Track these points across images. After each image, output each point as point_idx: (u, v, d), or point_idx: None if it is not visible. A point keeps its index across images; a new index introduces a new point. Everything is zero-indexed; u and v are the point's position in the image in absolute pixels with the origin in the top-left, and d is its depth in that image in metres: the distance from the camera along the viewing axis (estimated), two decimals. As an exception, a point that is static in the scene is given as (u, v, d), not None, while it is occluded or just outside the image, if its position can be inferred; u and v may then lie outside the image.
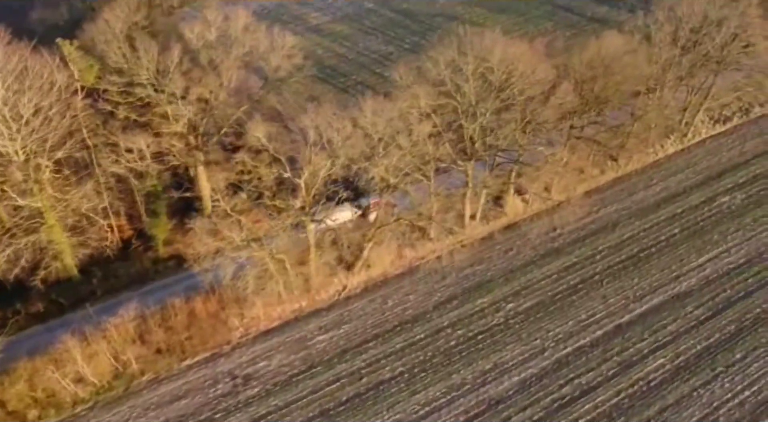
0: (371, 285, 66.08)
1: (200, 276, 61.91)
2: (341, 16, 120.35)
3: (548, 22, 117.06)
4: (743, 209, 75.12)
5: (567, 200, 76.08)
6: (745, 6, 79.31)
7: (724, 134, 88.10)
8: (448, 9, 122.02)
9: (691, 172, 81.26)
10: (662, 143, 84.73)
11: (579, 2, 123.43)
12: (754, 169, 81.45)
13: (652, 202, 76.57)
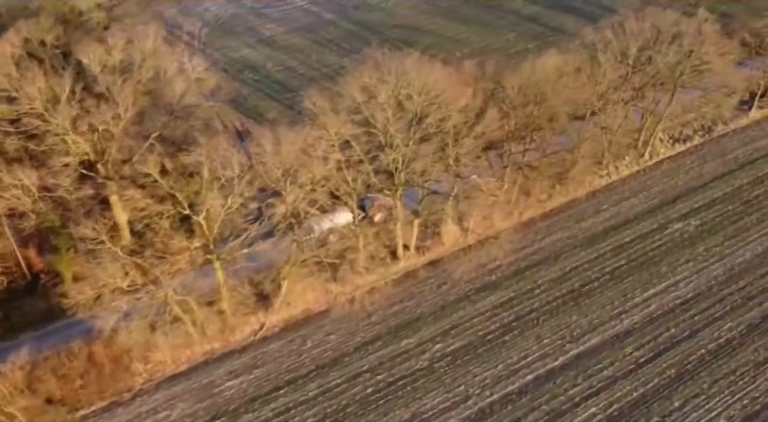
0: (291, 324, 62.01)
1: (104, 318, 57.87)
2: (297, 28, 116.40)
3: (511, 33, 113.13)
4: (696, 237, 71.03)
5: (510, 228, 72.19)
6: (701, 21, 75.50)
7: (683, 154, 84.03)
8: (408, 20, 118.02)
9: (645, 196, 77.18)
10: (617, 165, 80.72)
11: (545, 12, 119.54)
12: (712, 193, 77.36)
13: (600, 229, 72.50)
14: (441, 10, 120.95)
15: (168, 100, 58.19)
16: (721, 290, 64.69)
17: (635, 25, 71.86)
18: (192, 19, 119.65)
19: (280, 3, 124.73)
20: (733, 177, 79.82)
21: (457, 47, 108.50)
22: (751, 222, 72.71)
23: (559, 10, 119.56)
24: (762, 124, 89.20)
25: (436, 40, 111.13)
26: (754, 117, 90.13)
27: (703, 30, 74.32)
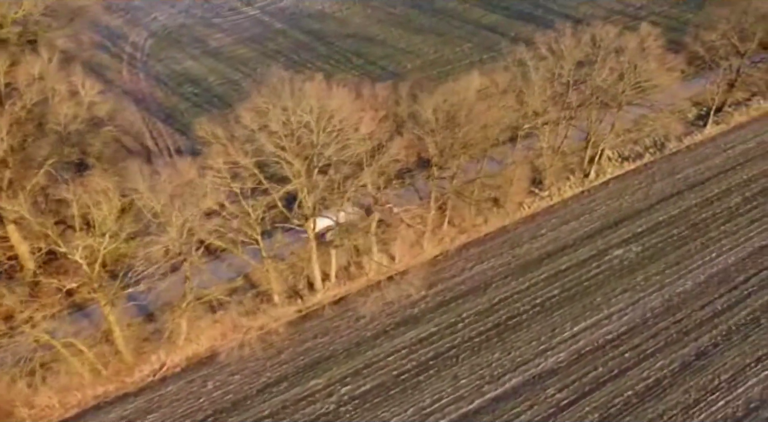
0: (194, 363, 58.29)
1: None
2: (246, 38, 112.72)
3: (467, 44, 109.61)
4: (637, 265, 67.37)
5: (441, 255, 68.64)
6: (643, 36, 71.95)
7: (632, 173, 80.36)
8: (362, 29, 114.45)
9: (586, 219, 73.53)
10: (560, 186, 77.10)
11: (505, 21, 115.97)
12: (657, 215, 73.71)
13: (535, 256, 68.84)
14: (397, 20, 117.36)
15: (55, 126, 54.40)
16: (656, 323, 61.04)
17: (571, 41, 68.24)
18: (139, 29, 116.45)
19: (230, 12, 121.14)
20: (681, 198, 76.20)
21: (408, 59, 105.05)
22: (695, 248, 69.11)
23: (520, 19, 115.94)
24: (717, 140, 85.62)
25: (388, 50, 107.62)
26: (709, 133, 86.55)
27: (645, 45, 70.86)
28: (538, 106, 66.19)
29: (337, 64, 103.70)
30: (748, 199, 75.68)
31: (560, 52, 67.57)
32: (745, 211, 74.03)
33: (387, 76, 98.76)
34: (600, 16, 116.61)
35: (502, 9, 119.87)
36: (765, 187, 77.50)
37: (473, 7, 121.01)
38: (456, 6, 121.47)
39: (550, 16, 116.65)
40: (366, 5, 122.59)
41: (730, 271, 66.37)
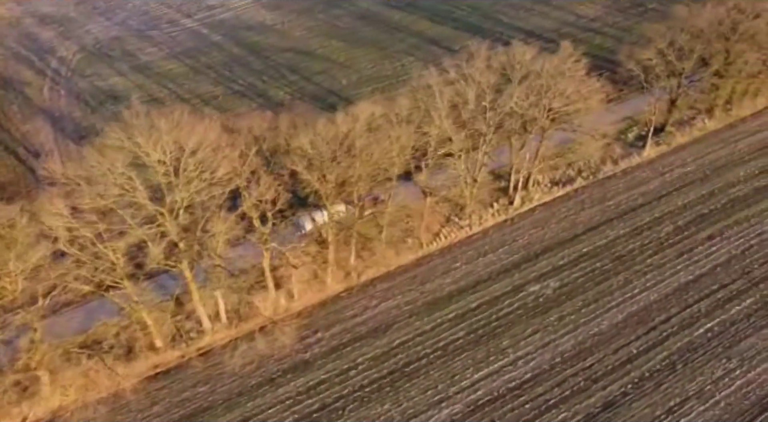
0: (59, 417, 54.13)
1: None
2: (180, 52, 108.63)
3: (409, 57, 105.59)
4: (552, 302, 63.26)
5: (345, 291, 64.58)
6: (563, 58, 67.93)
7: (562, 199, 76.28)
8: (302, 42, 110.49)
9: (506, 251, 69.47)
10: (482, 214, 73.04)
11: (450, 33, 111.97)
12: (582, 246, 69.63)
13: (446, 292, 64.71)
14: (340, 32, 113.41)
15: None
16: (564, 370, 56.87)
17: (480, 64, 64.12)
18: (69, 42, 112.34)
19: (168, 25, 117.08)
20: (609, 227, 72.11)
21: (345, 73, 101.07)
22: (617, 284, 64.99)
23: (467, 31, 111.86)
24: (656, 163, 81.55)
25: (326, 65, 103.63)
26: (648, 155, 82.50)
27: (565, 68, 66.86)
28: (442, 133, 61.99)
29: (269, 80, 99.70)
30: (679, 229, 71.64)
31: (470, 77, 63.40)
32: (675, 241, 69.99)
33: (322, 93, 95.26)
34: (551, 29, 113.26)
35: (451, 21, 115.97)
36: (699, 214, 73.54)
37: (421, 19, 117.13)
38: (403, 18, 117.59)
39: (499, 28, 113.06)
40: (310, 17, 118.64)
41: (650, 310, 62.26)
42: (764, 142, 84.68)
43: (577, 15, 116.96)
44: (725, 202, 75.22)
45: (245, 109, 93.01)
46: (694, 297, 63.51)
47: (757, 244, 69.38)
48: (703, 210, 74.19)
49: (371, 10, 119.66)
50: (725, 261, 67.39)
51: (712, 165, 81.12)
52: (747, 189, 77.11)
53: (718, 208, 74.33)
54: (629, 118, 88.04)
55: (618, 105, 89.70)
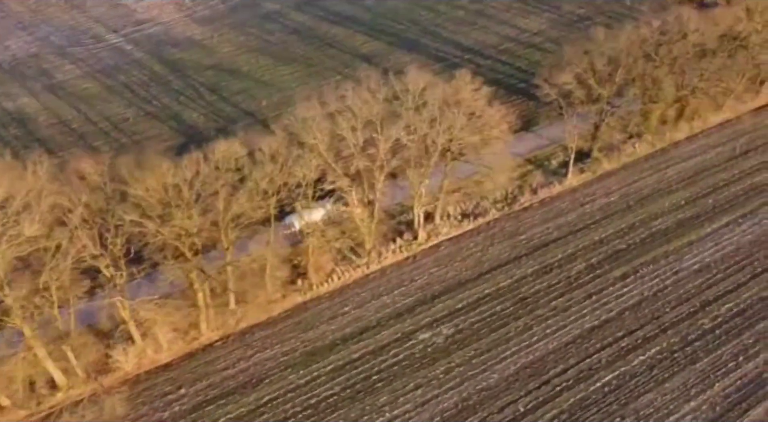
0: None
1: None
2: (98, 70, 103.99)
3: (337, 76, 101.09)
4: (442, 352, 58.77)
5: (221, 340, 60.07)
6: (462, 84, 63.58)
7: (472, 233, 71.77)
8: (228, 59, 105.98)
9: (402, 292, 64.96)
10: (383, 250, 68.55)
11: (386, 50, 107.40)
12: (484, 287, 65.18)
13: (328, 341, 60.19)
14: (270, 48, 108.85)
15: None
16: (441, 432, 52.62)
17: (358, 99, 59.56)
18: None
19: (92, 40, 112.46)
20: (517, 265, 67.68)
21: (267, 93, 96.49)
22: (515, 331, 60.54)
23: (403, 47, 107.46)
24: (577, 192, 77.08)
25: (248, 84, 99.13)
26: (570, 183, 78.06)
27: (460, 98, 62.49)
28: (324, 168, 57.57)
29: (186, 101, 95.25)
30: (592, 267, 67.22)
31: (350, 108, 58.99)
32: (586, 281, 65.55)
33: (237, 115, 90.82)
34: (491, 44, 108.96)
35: (388, 36, 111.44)
36: (615, 250, 69.16)
37: (357, 34, 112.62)
38: (339, 32, 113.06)
39: (436, 44, 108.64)
40: (242, 31, 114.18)
41: (546, 361, 57.81)
42: (695, 169, 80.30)
43: (520, 29, 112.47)
44: (645, 237, 70.82)
45: (155, 132, 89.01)
46: (595, 345, 59.10)
47: (672, 285, 65.02)
48: (621, 245, 69.77)
49: (306, 25, 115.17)
50: (635, 304, 63.00)
51: (637, 194, 76.71)
52: (670, 221, 72.71)
53: (636, 243, 69.94)
54: (555, 142, 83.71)
55: (546, 128, 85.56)
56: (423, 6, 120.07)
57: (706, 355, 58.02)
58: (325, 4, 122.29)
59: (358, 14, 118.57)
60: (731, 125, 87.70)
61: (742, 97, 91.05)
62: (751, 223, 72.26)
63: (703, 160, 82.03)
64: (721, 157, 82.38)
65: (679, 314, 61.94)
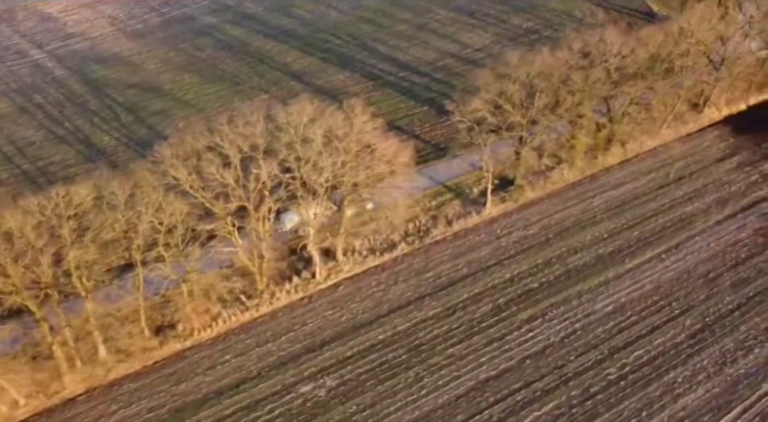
0: None
1: None
2: (14, 89, 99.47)
3: (264, 95, 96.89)
4: (320, 408, 54.42)
5: (85, 394, 55.71)
6: (351, 114, 59.42)
7: (376, 270, 67.44)
8: (152, 77, 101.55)
9: (289, 338, 60.52)
10: (276, 290, 64.27)
11: (318, 67, 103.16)
12: (379, 332, 60.92)
13: (201, 395, 55.69)
14: (198, 65, 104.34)
15: None
16: None
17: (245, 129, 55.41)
18: None
19: (15, 56, 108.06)
20: (419, 306, 63.41)
21: (187, 114, 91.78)
22: (404, 382, 56.24)
23: (338, 64, 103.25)
24: (495, 224, 72.85)
25: (169, 104, 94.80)
26: (489, 214, 73.90)
27: (348, 131, 58.28)
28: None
29: (100, 123, 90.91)
30: (498, 308, 63.05)
31: (220, 145, 54.79)
32: (489, 324, 61.40)
33: (151, 138, 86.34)
34: (429, 60, 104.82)
35: (323, 51, 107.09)
36: (526, 289, 65.04)
37: (292, 49, 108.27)
38: (273, 47, 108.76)
39: (372, 60, 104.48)
40: (173, 46, 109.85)
41: (432, 417, 53.57)
42: (623, 198, 76.19)
43: (462, 44, 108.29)
44: (560, 274, 66.69)
45: (60, 157, 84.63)
46: (488, 399, 54.94)
47: (582, 329, 60.89)
48: (533, 283, 65.63)
49: (240, 40, 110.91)
50: (539, 352, 58.86)
51: (559, 226, 72.58)
52: (589, 256, 68.58)
53: (549, 282, 65.80)
54: (479, 168, 79.47)
55: (470, 153, 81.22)
56: (365, 19, 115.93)
57: (606, 410, 53.95)
58: (265, 17, 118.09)
59: (297, 28, 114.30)
60: (668, 149, 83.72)
61: (683, 117, 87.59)
62: (675, 259, 68.27)
63: (634, 187, 78.00)
64: (653, 184, 78.38)
65: (584, 363, 57.85)
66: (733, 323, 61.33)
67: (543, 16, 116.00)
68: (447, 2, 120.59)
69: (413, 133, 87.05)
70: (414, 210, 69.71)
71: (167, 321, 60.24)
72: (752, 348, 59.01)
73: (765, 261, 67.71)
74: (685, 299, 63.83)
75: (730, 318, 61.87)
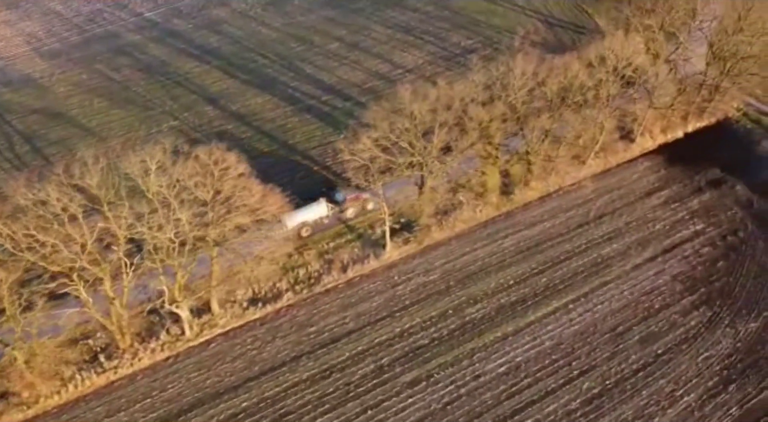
0: None
1: None
2: None
3: (173, 121, 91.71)
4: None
5: None
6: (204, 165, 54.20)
7: (255, 323, 62.15)
8: (59, 102, 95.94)
9: (143, 407, 54.86)
10: (139, 349, 58.94)
11: (238, 89, 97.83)
12: (245, 399, 55.36)
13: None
14: (110, 88, 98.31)
15: None
16: None
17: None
18: None
19: None
20: (293, 367, 58.10)
21: (88, 143, 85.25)
22: (260, 460, 51.31)
23: (258, 87, 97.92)
24: (393, 269, 67.56)
25: (71, 131, 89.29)
26: (389, 257, 68.63)
27: (198, 180, 53.04)
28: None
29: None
30: (381, 369, 57.91)
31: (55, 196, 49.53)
32: (367, 389, 56.29)
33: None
34: (356, 82, 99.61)
35: (246, 72, 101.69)
36: (415, 347, 59.91)
37: (214, 69, 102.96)
38: (194, 68, 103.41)
39: (295, 82, 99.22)
40: (87, 68, 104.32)
41: None
42: (538, 239, 71.20)
43: (394, 64, 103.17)
44: (455, 328, 61.62)
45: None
46: (349, 481, 49.91)
47: (468, 394, 55.81)
48: (423, 340, 60.55)
49: (161, 59, 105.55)
50: (416, 422, 53.82)
51: (463, 271, 67.50)
52: (490, 307, 63.53)
53: (442, 337, 60.74)
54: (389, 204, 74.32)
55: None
56: (296, 37, 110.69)
57: (480, 494, 49.00)
58: (191, 35, 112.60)
59: (224, 47, 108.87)
60: (594, 182, 78.79)
61: (613, 147, 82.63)
62: (582, 310, 63.28)
63: (551, 226, 72.98)
64: (571, 223, 73.38)
65: (462, 436, 52.93)
66: (636, 386, 56.36)
67: (483, 33, 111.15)
68: (386, 19, 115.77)
69: (324, 164, 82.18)
70: (303, 257, 64.52)
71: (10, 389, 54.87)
72: (652, 416, 54.06)
73: (679, 313, 62.86)
74: (587, 357, 58.80)
75: (632, 380, 56.91)
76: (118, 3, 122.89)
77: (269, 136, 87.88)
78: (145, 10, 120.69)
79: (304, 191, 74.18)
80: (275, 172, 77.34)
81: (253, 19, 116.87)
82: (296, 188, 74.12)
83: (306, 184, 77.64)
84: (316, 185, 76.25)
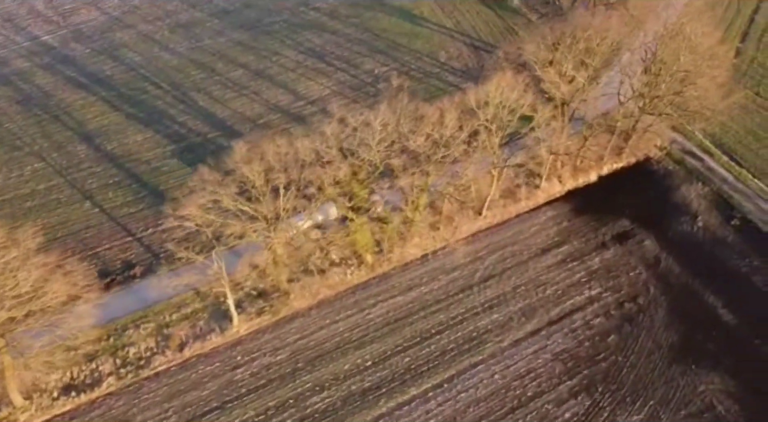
0: None
1: None
2: None
3: (38, 163, 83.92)
4: None
5: None
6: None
7: (64, 417, 54.60)
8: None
9: None
10: None
11: (118, 125, 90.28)
12: None
13: None
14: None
15: None
16: None
17: None
18: None
19: None
20: (94, 475, 51.03)
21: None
22: None
23: (142, 122, 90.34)
24: (239, 347, 59.90)
25: None
26: (236, 332, 61.07)
27: None
28: None
29: None
30: (192, 479, 50.66)
31: None
32: None
33: None
34: (251, 116, 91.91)
35: (133, 105, 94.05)
36: (241, 447, 52.60)
37: (101, 102, 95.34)
38: (76, 101, 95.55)
39: (185, 116, 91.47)
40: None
41: None
42: (408, 308, 63.80)
43: (297, 95, 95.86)
44: (291, 423, 54.27)
45: None
46: None
47: None
48: (250, 439, 53.21)
49: (44, 90, 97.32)
50: None
51: (315, 350, 60.06)
52: (337, 396, 56.13)
53: (273, 435, 53.40)
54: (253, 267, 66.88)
55: (230, 253, 68.27)
56: (198, 64, 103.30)
57: None
58: (85, 61, 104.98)
59: (117, 75, 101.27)
60: (488, 235, 71.63)
61: (515, 195, 75.49)
62: (443, 398, 55.96)
63: (429, 290, 65.67)
64: (453, 287, 66.09)
65: None
66: None
67: (401, 58, 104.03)
68: (300, 42, 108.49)
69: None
70: (139, 332, 57.16)
71: None
72: None
73: (553, 402, 55.50)
74: (434, 463, 51.66)
75: (483, 493, 49.75)
76: (15, 25, 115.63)
77: (139, 181, 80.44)
78: (42, 33, 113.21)
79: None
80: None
81: (157, 43, 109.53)
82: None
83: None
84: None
